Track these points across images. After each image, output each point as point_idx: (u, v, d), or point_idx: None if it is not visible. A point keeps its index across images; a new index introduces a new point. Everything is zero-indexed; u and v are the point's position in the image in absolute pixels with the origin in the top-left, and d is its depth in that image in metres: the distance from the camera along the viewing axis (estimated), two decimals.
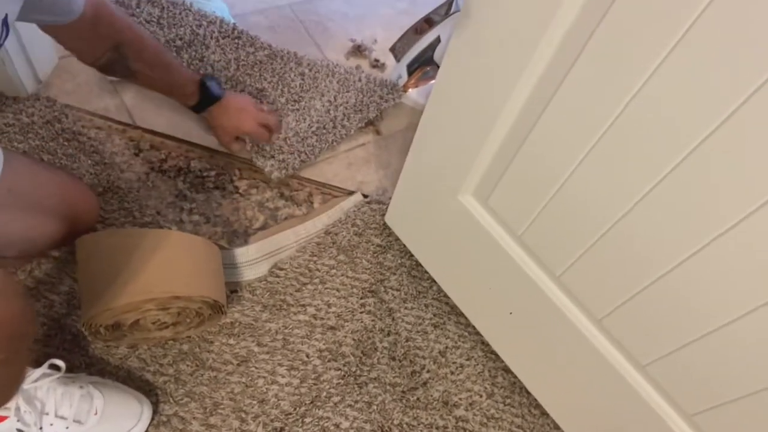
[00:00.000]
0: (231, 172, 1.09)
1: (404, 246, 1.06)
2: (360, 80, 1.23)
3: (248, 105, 1.06)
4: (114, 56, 0.89)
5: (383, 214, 1.08)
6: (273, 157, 1.09)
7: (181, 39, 1.16)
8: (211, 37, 1.19)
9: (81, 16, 0.80)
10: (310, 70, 1.22)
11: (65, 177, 0.94)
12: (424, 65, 1.19)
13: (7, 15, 0.62)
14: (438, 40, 1.14)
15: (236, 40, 1.20)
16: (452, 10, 1.12)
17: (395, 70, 1.25)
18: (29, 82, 1.06)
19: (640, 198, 0.58)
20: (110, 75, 0.96)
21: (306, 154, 1.12)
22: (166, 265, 0.77)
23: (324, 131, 1.15)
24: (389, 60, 1.33)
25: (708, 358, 0.62)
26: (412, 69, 1.21)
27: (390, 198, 1.06)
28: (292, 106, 1.16)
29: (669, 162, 0.54)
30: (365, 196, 1.11)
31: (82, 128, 1.06)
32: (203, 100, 1.02)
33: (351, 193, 1.13)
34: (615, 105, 0.55)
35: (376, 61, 1.33)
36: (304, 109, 1.16)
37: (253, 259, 1.01)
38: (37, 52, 1.06)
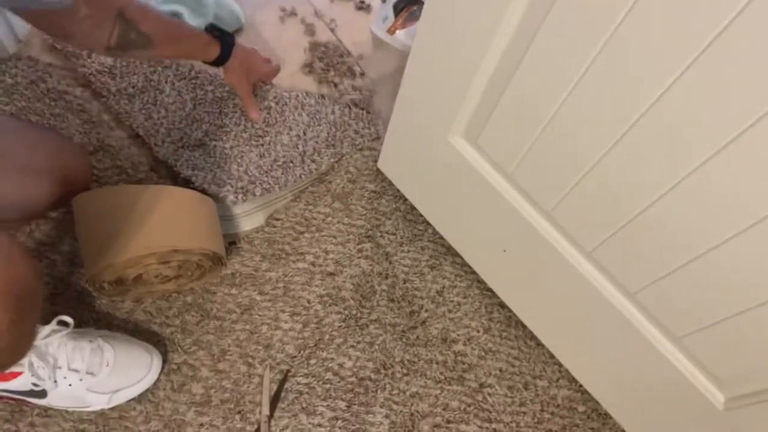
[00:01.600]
0: None
1: (398, 190, 1.07)
2: (333, 113, 1.12)
3: (253, 52, 1.04)
4: (124, 26, 0.79)
5: (375, 160, 1.08)
6: (230, 185, 0.99)
7: (133, 87, 1.07)
8: (166, 82, 1.09)
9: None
10: (277, 104, 1.10)
11: (56, 137, 0.93)
12: (411, 4, 1.16)
13: None
14: None
15: (193, 81, 1.10)
16: None
17: (381, 11, 1.22)
18: (9, 43, 1.04)
19: (625, 131, 0.59)
20: (127, 53, 0.82)
21: (270, 184, 1.00)
22: (164, 220, 0.79)
23: (291, 165, 1.04)
24: (375, 1, 1.30)
25: (692, 284, 0.64)
26: (398, 9, 1.18)
27: (382, 143, 1.06)
28: (255, 141, 1.05)
29: (653, 92, 0.54)
30: (359, 150, 1.11)
31: (68, 87, 1.05)
32: (225, 47, 0.94)
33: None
34: (595, 40, 0.55)
35: (362, 2, 1.30)
36: (269, 144, 1.05)
37: (247, 211, 1.02)
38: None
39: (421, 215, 1.05)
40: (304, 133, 1.08)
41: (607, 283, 0.76)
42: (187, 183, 0.98)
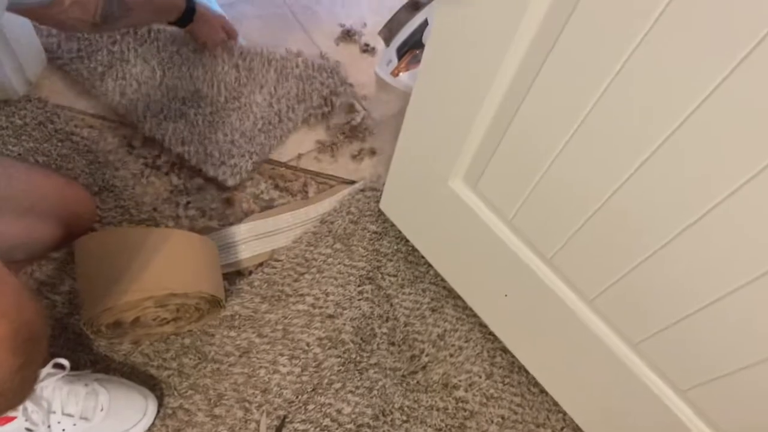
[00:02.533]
0: None
1: (400, 232, 1.06)
2: (298, 66, 1.20)
3: (212, 13, 1.14)
4: (107, 2, 0.86)
5: (378, 201, 1.08)
6: (224, 163, 1.06)
7: (102, 64, 1.12)
8: (129, 50, 1.13)
9: None
10: (244, 60, 1.17)
11: (60, 179, 0.95)
12: (414, 48, 1.18)
13: None
14: (426, 22, 1.13)
15: (154, 43, 1.15)
16: None
17: (385, 54, 1.24)
18: (19, 84, 1.06)
19: (626, 178, 0.58)
20: (109, 24, 0.90)
21: (257, 153, 1.08)
22: (162, 263, 0.79)
23: (270, 127, 1.12)
24: (379, 44, 1.32)
25: (697, 336, 0.63)
26: (402, 53, 1.20)
27: (384, 185, 1.07)
28: (232, 104, 1.12)
29: (652, 142, 0.54)
30: (361, 190, 1.11)
31: (75, 128, 1.06)
32: (188, 8, 1.05)
33: (352, 182, 1.13)
34: (595, 86, 0.55)
35: (366, 45, 1.32)
36: (245, 105, 1.12)
37: (245, 238, 1.01)
38: (25, 53, 1.06)
39: (423, 257, 1.05)
40: (275, 90, 1.16)
41: (610, 331, 0.75)
42: (181, 160, 1.07)
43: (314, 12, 1.38)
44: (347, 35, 1.34)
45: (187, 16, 1.06)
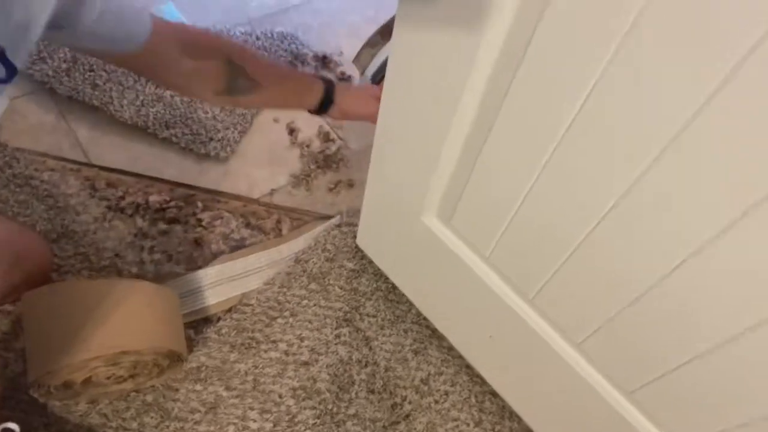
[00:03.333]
0: (193, 205, 1.04)
1: (378, 269, 1.00)
2: (258, 38, 1.25)
3: (365, 87, 0.95)
4: (232, 72, 0.76)
5: (355, 237, 1.02)
6: (212, 139, 1.09)
7: (65, 61, 1.11)
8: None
9: (149, 37, 0.67)
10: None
11: (12, 226, 0.89)
12: None
13: (4, 49, 0.52)
14: None
15: None
16: None
17: (360, 83, 1.19)
18: None
19: (601, 217, 0.52)
20: (234, 98, 0.79)
21: (240, 124, 1.13)
22: (112, 318, 0.72)
23: None
24: (356, 72, 1.28)
25: (698, 378, 0.56)
26: (376, 80, 1.15)
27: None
28: None
29: (625, 180, 0.48)
30: (338, 226, 1.05)
31: (35, 171, 1.01)
32: (328, 91, 0.87)
33: (328, 217, 1.07)
34: (562, 119, 0.49)
35: (342, 74, 1.28)
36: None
37: (214, 282, 0.95)
38: None
39: (404, 295, 0.98)
40: None
41: (602, 378, 0.68)
42: (170, 144, 1.08)
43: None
44: (324, 63, 1.30)
45: (326, 104, 0.88)
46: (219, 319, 0.93)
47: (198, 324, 0.92)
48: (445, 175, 0.69)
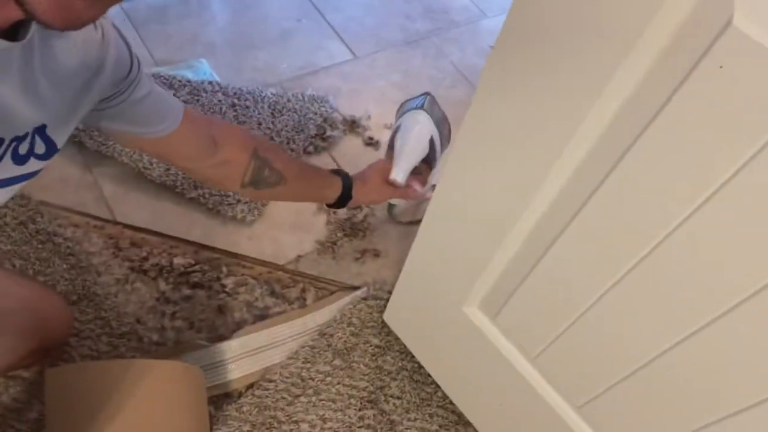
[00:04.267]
0: (218, 269, 1.02)
1: (405, 347, 0.98)
2: (290, 101, 1.24)
3: (377, 171, 0.94)
4: (258, 164, 0.78)
5: (381, 311, 1.00)
6: (239, 201, 1.08)
7: None
8: None
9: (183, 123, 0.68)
10: (239, 99, 1.21)
11: (35, 288, 0.87)
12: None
13: (45, 126, 0.52)
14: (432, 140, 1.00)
15: None
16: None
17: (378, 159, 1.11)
18: None
19: (684, 337, 0.51)
20: (259, 189, 0.81)
21: None
22: (140, 403, 0.69)
23: None
24: (384, 137, 1.28)
25: None
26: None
27: (389, 292, 0.99)
28: None
29: (717, 304, 0.47)
30: (364, 299, 1.03)
31: (58, 227, 0.99)
32: (346, 188, 0.89)
33: (354, 288, 1.05)
34: (649, 238, 0.49)
35: (370, 138, 1.28)
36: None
37: (236, 355, 0.93)
38: None
39: (430, 375, 0.96)
40: (273, 125, 1.19)
41: None
42: (197, 204, 1.07)
43: None
44: (351, 126, 1.30)
45: (344, 199, 0.90)
46: (240, 395, 0.90)
47: (218, 400, 0.89)
48: (497, 271, 0.68)
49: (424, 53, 1.47)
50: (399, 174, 0.93)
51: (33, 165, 0.54)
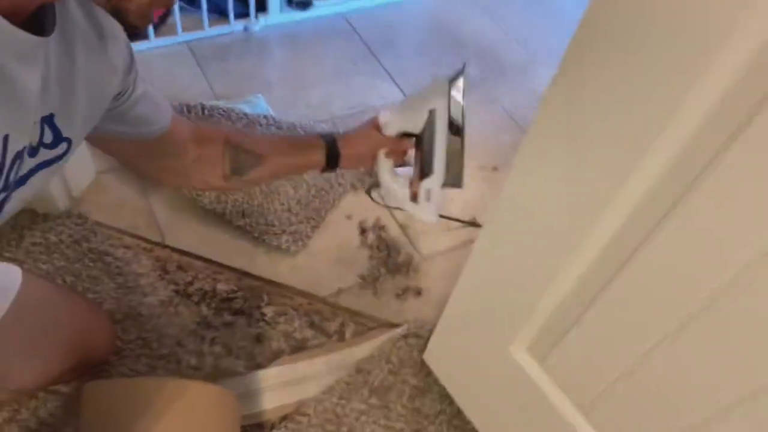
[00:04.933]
0: (259, 297, 1.02)
1: (444, 389, 0.94)
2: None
3: (367, 121, 0.85)
4: (232, 151, 0.77)
5: (421, 351, 0.97)
6: (284, 231, 1.09)
7: None
8: None
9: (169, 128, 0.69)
10: (292, 133, 1.24)
11: (83, 304, 0.89)
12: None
13: (53, 115, 0.51)
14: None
15: (209, 119, 1.20)
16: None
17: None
18: (62, 199, 1.04)
19: (746, 395, 0.47)
20: (244, 176, 0.79)
21: (314, 219, 1.13)
22: (173, 423, 0.68)
23: (323, 192, 1.17)
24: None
25: None
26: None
27: (430, 331, 0.96)
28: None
29: None
30: (404, 337, 1.00)
31: (110, 247, 1.02)
32: (329, 144, 0.81)
33: (394, 325, 1.02)
34: (708, 287, 0.45)
35: None
36: (297, 175, 1.16)
37: (272, 385, 0.91)
38: (74, 169, 1.05)
39: (470, 422, 0.91)
40: None
41: None
42: (244, 233, 1.08)
43: None
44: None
45: (333, 158, 0.82)
46: (273, 426, 0.88)
47: (251, 430, 0.87)
48: (547, 312, 0.65)
49: (474, 97, 1.48)
50: (387, 114, 0.81)
51: (43, 155, 0.52)
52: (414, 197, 0.81)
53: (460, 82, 0.79)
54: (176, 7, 1.37)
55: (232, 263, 1.06)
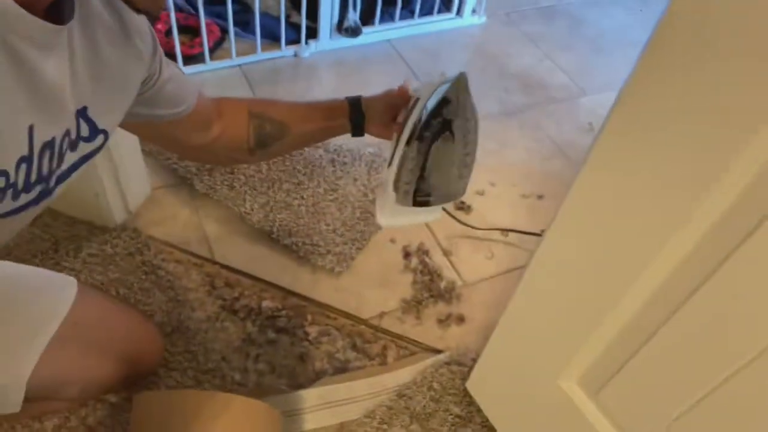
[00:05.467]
0: (303, 316, 1.03)
1: (487, 419, 0.92)
2: (385, 160, 1.22)
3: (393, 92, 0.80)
4: (256, 122, 0.76)
5: (464, 379, 0.96)
6: (329, 252, 1.10)
7: None
8: None
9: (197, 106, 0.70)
10: (338, 156, 1.26)
11: (135, 315, 0.91)
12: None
13: (86, 107, 0.52)
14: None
15: None
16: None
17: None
18: (119, 213, 1.08)
19: None
20: (270, 148, 0.79)
21: (359, 240, 1.13)
22: None
23: (368, 215, 1.17)
24: (474, 201, 1.27)
25: None
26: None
27: (473, 359, 0.95)
28: (330, 195, 1.19)
29: None
30: (447, 363, 0.99)
31: (162, 261, 1.05)
32: (352, 104, 0.79)
33: (436, 351, 1.02)
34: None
35: (462, 203, 1.28)
36: (342, 197, 1.19)
37: (314, 406, 0.91)
38: (131, 184, 1.09)
39: None
40: (368, 182, 1.22)
41: None
42: (290, 252, 1.10)
43: None
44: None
45: (358, 119, 0.79)
46: None
47: None
48: (599, 346, 0.64)
49: (521, 125, 1.48)
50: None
51: (83, 148, 0.53)
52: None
53: (459, 86, 0.67)
54: (231, 32, 1.42)
55: (277, 282, 1.07)
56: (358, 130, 0.80)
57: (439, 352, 1.02)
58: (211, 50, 1.45)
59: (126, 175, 1.06)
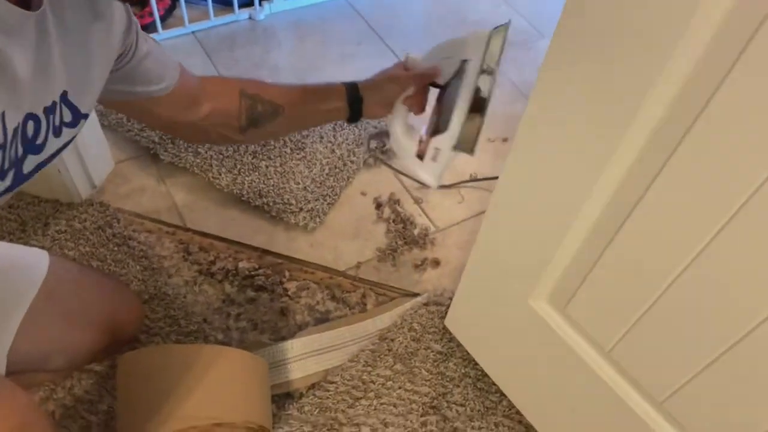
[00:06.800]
0: (280, 273, 1.04)
1: (467, 353, 0.95)
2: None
3: (393, 69, 0.83)
4: (248, 102, 0.76)
5: (443, 317, 0.99)
6: (301, 209, 1.11)
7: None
8: None
9: (180, 84, 0.70)
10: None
11: (112, 284, 0.91)
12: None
13: (66, 92, 0.52)
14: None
15: None
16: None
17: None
18: (84, 189, 1.07)
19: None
20: (261, 128, 0.78)
21: (329, 196, 1.15)
22: (209, 387, 0.70)
23: (337, 170, 1.19)
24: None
25: None
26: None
27: (450, 299, 0.97)
28: (298, 154, 1.20)
29: None
30: (425, 305, 1.02)
31: (133, 232, 1.04)
32: (350, 89, 0.79)
33: (414, 295, 1.04)
34: (725, 208, 0.46)
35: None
36: (310, 155, 1.20)
37: (299, 355, 0.93)
38: (94, 159, 1.07)
39: (494, 383, 0.92)
40: (335, 138, 1.24)
41: None
42: (262, 212, 1.11)
43: None
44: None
45: (356, 105, 0.79)
46: (302, 395, 0.90)
47: (280, 399, 0.89)
48: (564, 260, 0.66)
49: None
50: (417, 56, 0.77)
51: (66, 134, 0.53)
52: (421, 154, 0.74)
53: (500, 38, 0.73)
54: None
55: (252, 242, 1.08)
56: (355, 115, 0.80)
57: (416, 295, 1.04)
58: (162, 18, 1.42)
59: (87, 150, 1.04)
